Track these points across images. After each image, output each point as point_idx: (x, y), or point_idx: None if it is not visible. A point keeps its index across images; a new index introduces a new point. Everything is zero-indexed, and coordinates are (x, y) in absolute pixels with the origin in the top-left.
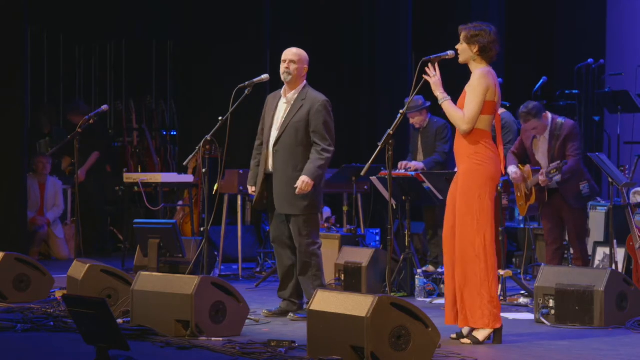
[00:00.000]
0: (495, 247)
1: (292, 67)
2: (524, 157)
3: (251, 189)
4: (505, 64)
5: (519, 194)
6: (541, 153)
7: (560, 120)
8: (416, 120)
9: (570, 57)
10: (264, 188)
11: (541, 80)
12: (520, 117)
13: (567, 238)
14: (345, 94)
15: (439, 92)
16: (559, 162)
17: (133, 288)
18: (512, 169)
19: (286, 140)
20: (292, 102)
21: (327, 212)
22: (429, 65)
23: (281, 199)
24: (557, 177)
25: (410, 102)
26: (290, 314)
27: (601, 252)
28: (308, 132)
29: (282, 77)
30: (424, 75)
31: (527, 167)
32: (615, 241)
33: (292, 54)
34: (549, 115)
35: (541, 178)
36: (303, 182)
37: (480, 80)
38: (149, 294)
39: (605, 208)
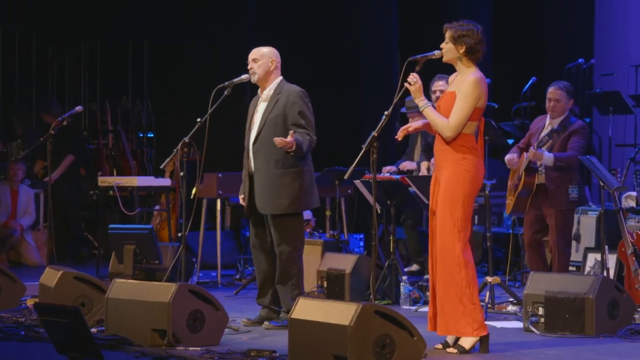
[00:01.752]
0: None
1: (255, 65)
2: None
3: (241, 198)
4: (492, 63)
5: (508, 191)
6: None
7: (573, 119)
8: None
9: (560, 56)
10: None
11: (530, 81)
12: (551, 85)
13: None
14: (328, 94)
15: (419, 99)
16: (551, 129)
17: (107, 296)
18: (509, 155)
19: (265, 137)
20: (269, 99)
21: (307, 214)
22: (411, 74)
23: (263, 198)
24: (549, 157)
25: (409, 102)
26: (266, 323)
27: (592, 258)
28: (287, 127)
29: (251, 79)
30: (405, 83)
31: (523, 155)
32: (606, 247)
33: (253, 53)
34: (570, 108)
35: (531, 150)
36: (292, 141)
37: (474, 89)
38: (124, 302)
39: (597, 213)
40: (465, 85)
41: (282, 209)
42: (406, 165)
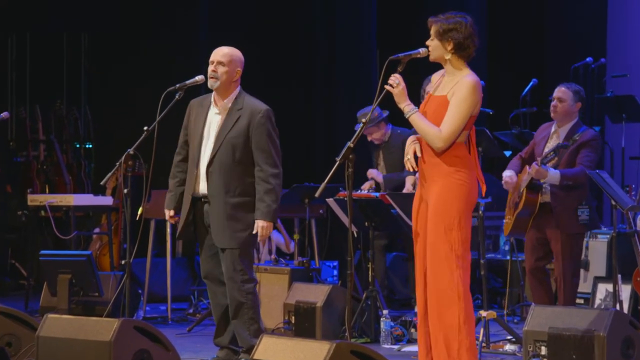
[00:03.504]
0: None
1: (221, 70)
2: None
3: (169, 214)
4: (487, 63)
5: (507, 208)
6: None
7: (583, 128)
8: (375, 136)
9: (565, 55)
10: (192, 213)
11: (530, 83)
12: (559, 85)
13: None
14: (297, 99)
15: (404, 104)
16: (559, 143)
17: (38, 334)
18: (508, 172)
19: (222, 159)
20: (227, 113)
21: (277, 237)
22: (392, 75)
23: (220, 230)
24: (554, 174)
25: (366, 114)
26: None
27: (603, 289)
28: (247, 149)
29: (209, 83)
30: (385, 86)
31: (526, 168)
32: (619, 276)
33: (220, 55)
34: (579, 114)
35: (534, 166)
36: (261, 228)
37: (471, 93)
38: (59, 340)
39: (608, 236)
40: (461, 89)
41: (240, 242)
42: (371, 172)
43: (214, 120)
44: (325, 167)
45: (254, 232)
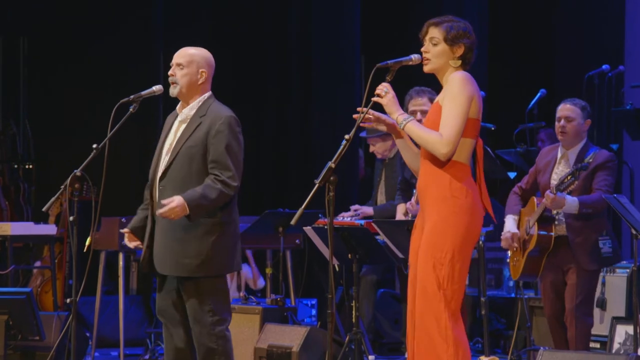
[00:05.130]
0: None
1: (180, 73)
2: (534, 195)
3: (127, 235)
4: (488, 72)
5: (513, 250)
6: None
7: (594, 149)
8: (377, 147)
9: (577, 62)
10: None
11: (538, 95)
12: (562, 102)
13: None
14: (270, 112)
15: (396, 113)
16: (578, 164)
17: None
18: (508, 227)
19: (176, 172)
20: (189, 121)
21: (247, 271)
22: (381, 84)
23: (163, 254)
24: (572, 202)
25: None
26: None
27: (622, 331)
28: (206, 161)
29: (170, 91)
30: (373, 98)
31: (533, 200)
32: None
33: (179, 56)
34: (587, 132)
35: (548, 195)
36: (173, 201)
37: (464, 86)
38: None
39: (627, 270)
40: (451, 86)
41: (188, 270)
42: (359, 208)
43: (176, 129)
44: (303, 191)
45: (166, 203)
